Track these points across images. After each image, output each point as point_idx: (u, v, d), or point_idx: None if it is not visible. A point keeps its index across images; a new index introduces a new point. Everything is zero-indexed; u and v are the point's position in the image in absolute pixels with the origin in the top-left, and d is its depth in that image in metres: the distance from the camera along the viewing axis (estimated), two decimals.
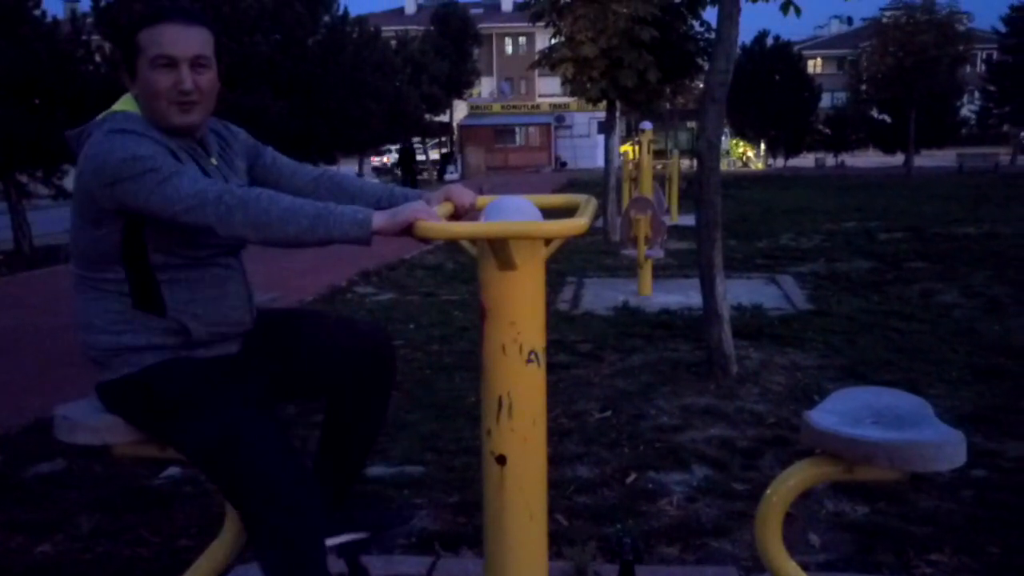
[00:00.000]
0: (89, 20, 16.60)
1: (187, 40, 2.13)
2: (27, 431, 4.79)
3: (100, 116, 2.18)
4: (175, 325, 2.17)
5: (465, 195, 2.23)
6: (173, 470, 4.09)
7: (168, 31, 2.11)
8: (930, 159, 42.36)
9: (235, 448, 2.08)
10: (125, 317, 2.16)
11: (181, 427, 2.13)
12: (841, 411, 2.07)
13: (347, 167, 30.22)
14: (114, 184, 2.00)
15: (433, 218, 1.88)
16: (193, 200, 1.95)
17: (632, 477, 3.94)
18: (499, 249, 1.81)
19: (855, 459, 1.92)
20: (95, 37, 16.04)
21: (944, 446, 1.87)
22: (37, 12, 14.44)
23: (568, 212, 2.06)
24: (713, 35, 12.11)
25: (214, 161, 2.26)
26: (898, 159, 40.26)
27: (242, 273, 2.33)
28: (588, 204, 2.07)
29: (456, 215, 2.19)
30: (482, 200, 2.21)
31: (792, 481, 2.08)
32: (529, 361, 1.92)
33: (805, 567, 2.19)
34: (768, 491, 2.11)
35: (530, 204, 1.94)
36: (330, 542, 2.45)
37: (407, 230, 1.87)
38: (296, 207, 1.94)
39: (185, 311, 2.17)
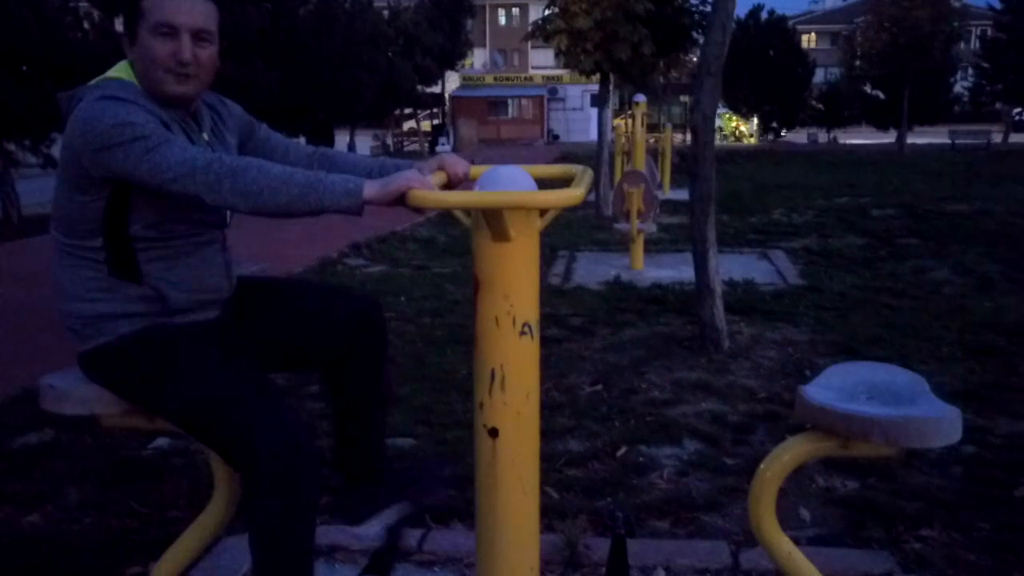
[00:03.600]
0: None
1: (191, 11, 2.09)
2: (14, 401, 4.76)
3: (94, 81, 2.14)
4: (151, 292, 2.14)
5: (458, 164, 2.19)
6: (162, 441, 4.07)
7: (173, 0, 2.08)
8: (922, 136, 42.31)
9: (222, 404, 2.06)
10: (101, 285, 2.13)
11: (164, 392, 2.11)
12: (836, 386, 2.06)
13: (338, 138, 30.05)
14: (102, 150, 1.96)
15: (427, 187, 1.85)
16: (181, 168, 1.92)
17: (623, 451, 3.94)
18: (493, 219, 1.78)
19: (850, 434, 1.91)
20: (83, 3, 15.84)
21: (940, 422, 1.86)
22: None
23: (563, 183, 2.03)
24: (708, 8, 12.04)
25: (205, 136, 2.22)
26: (891, 136, 40.20)
27: (222, 241, 2.30)
28: (584, 175, 2.04)
29: (449, 184, 2.16)
30: (476, 170, 2.17)
31: (786, 456, 2.06)
32: (523, 334, 1.89)
33: (796, 542, 2.19)
34: (762, 466, 2.09)
35: (525, 174, 1.90)
36: (377, 525, 2.44)
37: (400, 199, 1.84)
38: (286, 176, 1.90)
39: (161, 279, 2.15)
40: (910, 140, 36.99)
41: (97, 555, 3.06)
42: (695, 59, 27.16)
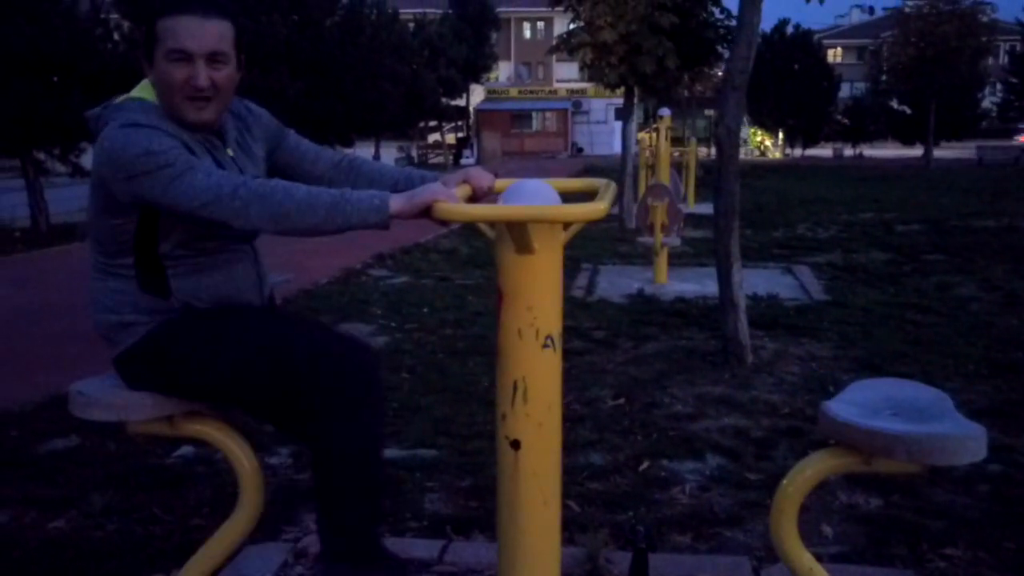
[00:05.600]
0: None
1: (204, 35, 2.08)
2: (41, 407, 4.81)
3: (119, 100, 2.16)
4: (178, 306, 2.17)
5: (483, 177, 2.20)
6: (186, 449, 4.10)
7: (185, 24, 2.07)
8: (949, 151, 41.98)
9: (276, 345, 2.10)
10: (128, 299, 2.17)
11: (211, 359, 2.13)
12: (860, 402, 2.05)
13: (363, 150, 30.21)
14: (129, 179, 1.99)
15: (452, 200, 1.86)
16: (207, 196, 1.94)
17: (645, 465, 3.93)
18: (517, 233, 1.79)
19: (873, 451, 1.90)
20: (114, 16, 16.04)
21: (965, 440, 1.85)
22: None
23: (587, 196, 2.03)
24: (733, 22, 12.04)
25: (230, 152, 2.23)
26: (917, 151, 39.94)
27: (253, 256, 2.32)
28: (608, 188, 2.05)
29: (474, 198, 2.17)
30: (500, 183, 2.19)
31: (809, 472, 2.05)
32: (545, 346, 1.90)
33: (818, 558, 2.17)
34: (784, 481, 2.09)
35: (549, 188, 1.92)
36: None
37: (425, 212, 1.86)
38: (312, 197, 1.92)
39: (190, 295, 2.18)
40: (936, 155, 36.74)
41: (120, 561, 3.08)
42: (720, 73, 27.13)
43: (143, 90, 2.18)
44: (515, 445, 1.93)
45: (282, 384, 2.10)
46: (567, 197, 1.98)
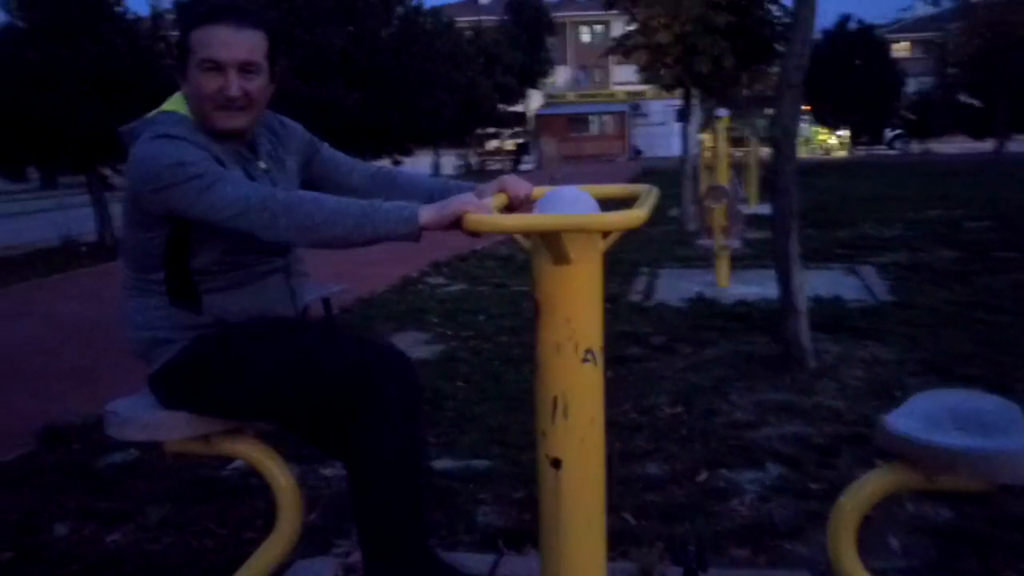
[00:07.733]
0: (170, 17, 16.95)
1: (236, 45, 2.09)
2: (102, 421, 4.85)
3: (150, 114, 2.18)
4: (211, 320, 2.16)
5: (520, 186, 2.16)
6: (240, 462, 4.11)
7: (218, 34, 2.08)
8: (1022, 144, 40.73)
9: (313, 352, 2.07)
10: (161, 314, 2.16)
11: (245, 373, 2.11)
12: (921, 414, 1.94)
13: (421, 158, 30.43)
14: (159, 191, 1.99)
15: (483, 210, 1.80)
16: (236, 207, 1.93)
17: (703, 475, 3.83)
18: (552, 243, 1.72)
19: (935, 467, 1.79)
20: (174, 33, 16.35)
21: None
22: (118, 8, 14.80)
23: (630, 203, 1.96)
24: (789, 19, 11.85)
25: (262, 164, 2.22)
26: (987, 145, 38.85)
27: (286, 269, 2.29)
28: (649, 194, 1.97)
29: (511, 207, 2.12)
30: (538, 191, 2.12)
31: (868, 488, 1.95)
32: (585, 360, 1.83)
33: (883, 574, 2.07)
34: (841, 498, 1.99)
35: (587, 195, 1.85)
36: None
37: (456, 224, 1.81)
38: (341, 208, 1.89)
39: (223, 308, 2.16)
40: (1009, 149, 35.70)
41: (175, 574, 3.09)
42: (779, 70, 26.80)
43: (175, 103, 2.19)
44: (556, 464, 1.87)
45: (315, 394, 2.07)
46: (608, 204, 1.91)
